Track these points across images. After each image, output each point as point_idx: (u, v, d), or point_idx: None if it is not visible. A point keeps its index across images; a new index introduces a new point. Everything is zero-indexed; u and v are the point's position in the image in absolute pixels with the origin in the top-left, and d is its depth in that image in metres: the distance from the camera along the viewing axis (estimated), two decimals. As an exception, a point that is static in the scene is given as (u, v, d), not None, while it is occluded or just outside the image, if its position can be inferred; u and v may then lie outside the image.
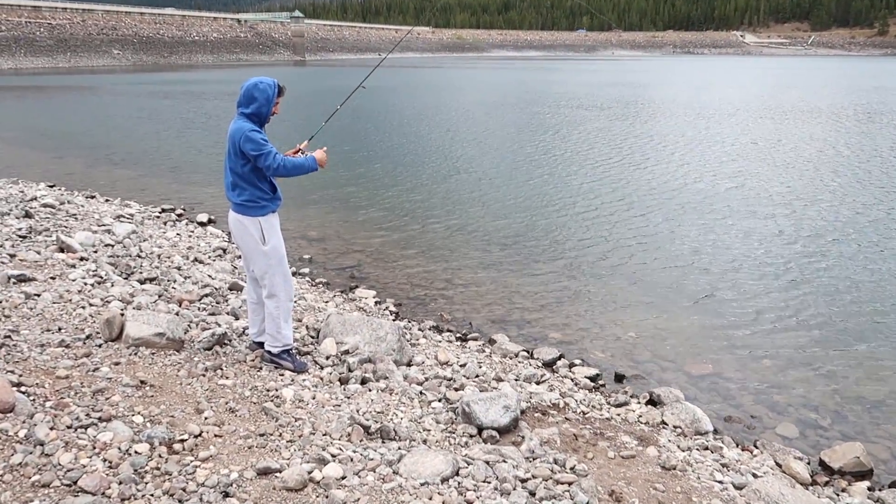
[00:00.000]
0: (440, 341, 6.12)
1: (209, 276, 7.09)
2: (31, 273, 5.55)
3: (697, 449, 4.45)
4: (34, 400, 3.49)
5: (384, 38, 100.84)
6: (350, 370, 4.75)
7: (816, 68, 74.05)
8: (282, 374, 4.53)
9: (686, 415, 4.86)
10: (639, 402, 5.16)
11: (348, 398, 4.31)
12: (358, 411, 4.10)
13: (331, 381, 4.56)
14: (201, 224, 10.10)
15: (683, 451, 4.37)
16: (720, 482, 3.94)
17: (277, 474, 3.16)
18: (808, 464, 4.52)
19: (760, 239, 9.70)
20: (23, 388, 3.58)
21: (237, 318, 5.63)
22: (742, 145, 18.46)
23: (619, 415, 4.89)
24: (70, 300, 5.14)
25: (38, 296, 5.05)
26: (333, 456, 3.41)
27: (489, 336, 6.46)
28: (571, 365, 5.88)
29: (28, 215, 7.80)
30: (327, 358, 4.93)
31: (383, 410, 4.21)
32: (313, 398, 4.19)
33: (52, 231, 7.22)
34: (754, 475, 4.15)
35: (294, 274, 7.52)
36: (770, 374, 5.84)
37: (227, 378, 4.35)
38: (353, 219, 10.79)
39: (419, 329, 6.41)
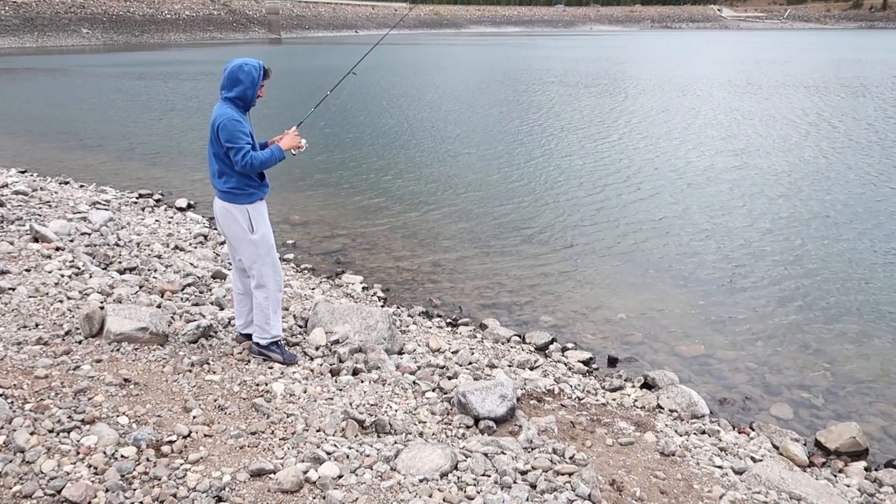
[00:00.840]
0: (431, 327, 6.03)
1: (191, 264, 6.91)
2: (5, 265, 5.33)
3: (695, 433, 4.43)
4: (12, 403, 3.34)
5: (360, 14, 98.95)
6: (341, 361, 4.64)
7: (795, 42, 74.14)
8: (271, 367, 4.41)
9: (682, 398, 4.83)
10: (633, 386, 5.13)
11: (340, 391, 4.21)
12: (351, 404, 4.00)
13: (322, 372, 4.45)
14: (180, 209, 9.87)
15: (681, 435, 4.34)
16: (720, 467, 3.92)
17: (272, 475, 3.05)
18: (805, 445, 4.53)
19: (750, 218, 9.68)
20: (0, 391, 3.42)
21: (222, 309, 5.47)
22: (729, 122, 18.41)
23: (614, 399, 4.84)
24: (47, 293, 4.94)
25: (13, 290, 4.85)
26: (329, 453, 3.31)
27: (480, 321, 6.39)
28: (564, 349, 5.83)
29: (-1, 203, 7.52)
30: (317, 348, 4.81)
31: (377, 403, 4.11)
32: (304, 392, 4.08)
33: (25, 220, 6.96)
34: (753, 459, 4.14)
35: (280, 259, 7.36)
36: (762, 354, 5.84)
37: (214, 373, 4.22)
38: (336, 202, 10.60)
39: (409, 315, 6.31)
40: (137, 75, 32.85)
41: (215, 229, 8.52)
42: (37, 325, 4.38)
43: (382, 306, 6.49)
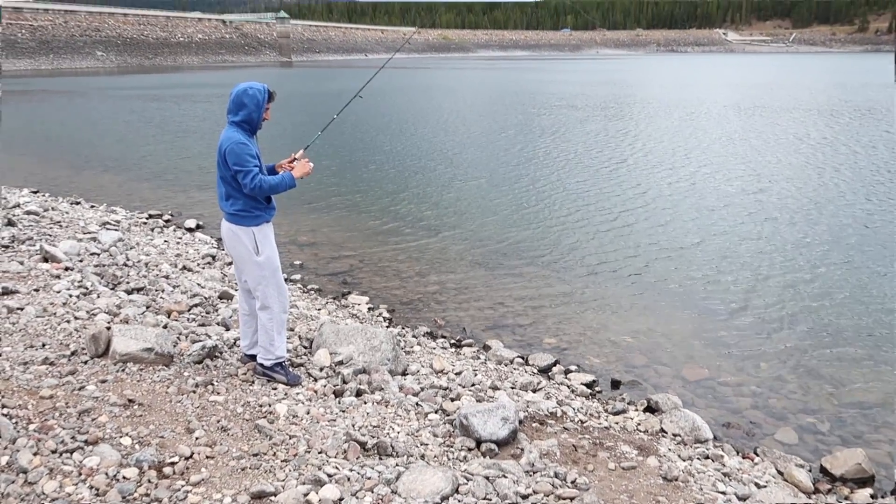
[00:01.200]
0: (434, 348, 6.01)
1: (198, 284, 6.93)
2: (14, 285, 5.36)
3: (698, 458, 4.35)
4: (16, 423, 3.34)
5: (370, 38, 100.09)
6: (345, 382, 4.63)
7: (802, 65, 74.14)
8: (275, 388, 4.40)
9: (685, 422, 4.77)
10: (637, 410, 5.07)
11: (343, 412, 4.19)
12: (354, 426, 3.98)
13: (325, 394, 4.44)
14: (189, 230, 9.92)
15: (684, 460, 4.27)
16: (723, 493, 3.86)
17: (272, 498, 3.03)
18: (810, 471, 4.43)
19: (760, 242, 9.59)
20: (5, 411, 3.43)
21: (228, 329, 5.48)
22: (739, 146, 18.33)
23: (617, 423, 4.78)
24: (55, 314, 4.96)
25: (21, 309, 4.87)
26: (330, 476, 3.29)
27: (483, 342, 6.37)
28: (567, 371, 5.79)
29: (10, 223, 7.58)
30: (321, 369, 4.81)
31: (379, 424, 4.09)
32: (307, 413, 4.07)
33: (35, 240, 7.01)
34: (757, 485, 4.07)
35: (286, 280, 7.36)
36: (767, 379, 5.77)
37: (218, 394, 4.21)
38: (344, 224, 10.64)
39: (413, 336, 6.30)
40: (151, 97, 33.24)
41: (223, 250, 8.56)
42: (43, 346, 4.39)
43: (387, 327, 6.50)
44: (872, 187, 12.93)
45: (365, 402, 4.36)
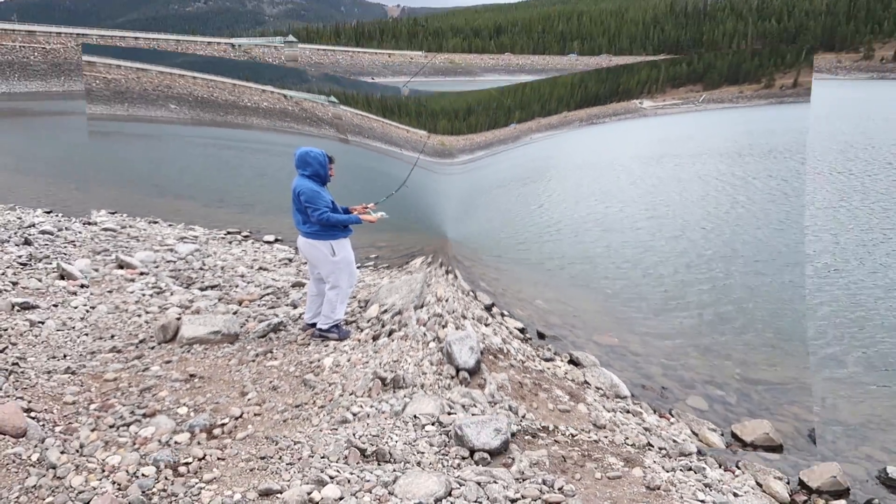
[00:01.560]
0: (439, 276, 5.82)
1: (273, 279, 6.30)
2: (90, 288, 4.98)
3: (621, 411, 4.13)
4: (76, 405, 2.96)
5: (377, 62, 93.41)
6: (383, 326, 4.36)
7: (709, 120, 65.88)
8: (326, 345, 4.07)
9: (605, 379, 4.59)
10: (563, 361, 4.88)
11: (376, 353, 3.97)
12: (380, 364, 3.79)
13: (366, 340, 4.20)
14: (268, 243, 8.99)
15: (609, 412, 4.15)
16: (648, 445, 3.57)
17: (279, 495, 2.50)
18: (722, 434, 4.12)
19: (667, 254, 8.62)
20: (68, 396, 3.04)
21: (295, 308, 5.02)
22: (645, 184, 16.22)
23: (549, 369, 4.62)
24: (126, 310, 4.67)
25: (93, 308, 4.56)
26: (354, 415, 3.13)
27: (454, 271, 6.41)
28: (503, 314, 5.62)
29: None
30: (368, 321, 4.46)
31: (398, 359, 3.90)
32: (348, 360, 3.76)
33: (111, 251, 6.64)
34: (675, 441, 3.81)
35: (359, 267, 6.94)
36: (674, 353, 5.31)
37: (275, 359, 3.85)
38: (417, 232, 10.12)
39: (435, 270, 6.17)
40: (225, 146, 32.70)
41: (301, 257, 7.99)
42: (112, 337, 4.11)
43: (427, 268, 6.32)
44: (777, 211, 11.56)
45: (393, 340, 4.11)
